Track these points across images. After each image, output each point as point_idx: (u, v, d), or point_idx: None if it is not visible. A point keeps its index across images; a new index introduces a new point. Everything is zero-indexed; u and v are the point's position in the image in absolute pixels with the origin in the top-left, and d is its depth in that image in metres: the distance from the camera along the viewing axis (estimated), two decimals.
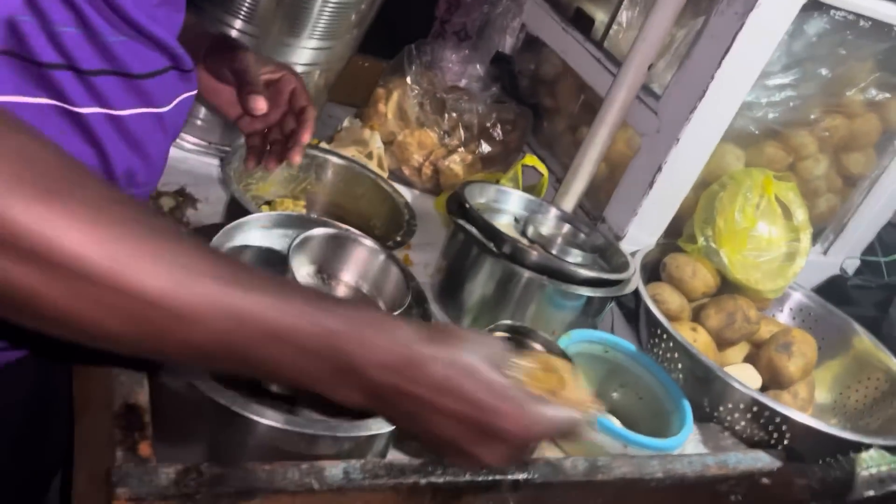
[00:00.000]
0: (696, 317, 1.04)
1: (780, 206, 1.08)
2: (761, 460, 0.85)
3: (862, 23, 0.99)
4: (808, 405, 1.03)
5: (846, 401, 1.04)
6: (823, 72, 1.04)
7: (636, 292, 0.97)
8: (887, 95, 1.10)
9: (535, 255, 0.90)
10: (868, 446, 0.90)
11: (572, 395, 0.56)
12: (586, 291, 0.91)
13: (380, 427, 0.61)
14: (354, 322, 0.47)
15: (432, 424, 0.50)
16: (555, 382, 0.57)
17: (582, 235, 1.03)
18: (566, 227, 1.03)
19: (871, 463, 1.05)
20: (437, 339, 0.49)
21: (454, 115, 1.21)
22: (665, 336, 0.92)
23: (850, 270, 1.27)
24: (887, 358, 1.01)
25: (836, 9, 0.96)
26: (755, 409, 0.86)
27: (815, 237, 1.27)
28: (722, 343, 1.03)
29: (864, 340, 1.04)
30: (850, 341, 1.05)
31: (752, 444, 0.89)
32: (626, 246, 1.06)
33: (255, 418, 0.56)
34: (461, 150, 1.21)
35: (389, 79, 1.24)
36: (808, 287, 1.20)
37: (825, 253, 1.26)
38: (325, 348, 0.46)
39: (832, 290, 1.19)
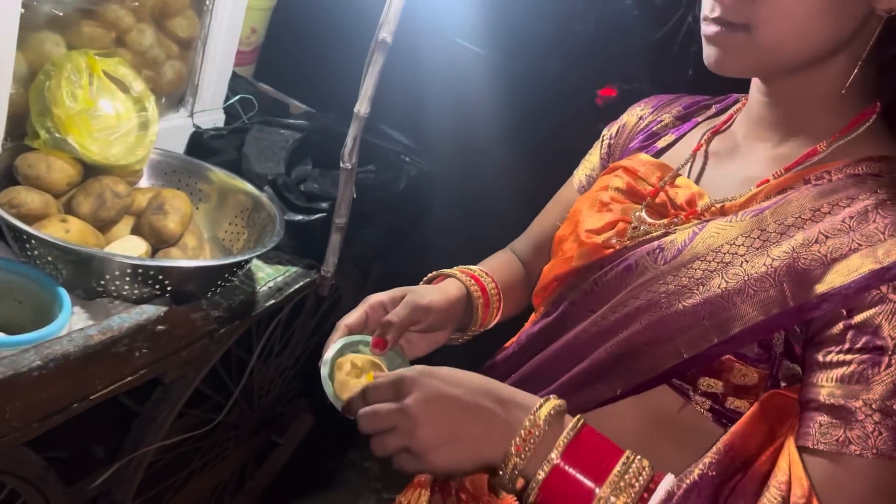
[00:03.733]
0: (70, 208, 1.06)
1: (116, 81, 1.13)
2: (146, 312, 0.94)
3: None
4: (202, 250, 1.15)
5: (228, 232, 1.20)
6: None
7: None
8: None
9: None
10: (242, 264, 1.06)
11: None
12: None
13: None
14: None
15: None
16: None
17: None
18: None
19: (267, 278, 1.25)
20: None
21: None
22: (27, 236, 0.92)
23: (220, 123, 1.42)
24: (243, 184, 1.18)
25: None
26: (131, 271, 0.94)
27: (177, 103, 1.38)
28: (103, 224, 1.07)
29: (222, 177, 1.19)
30: (213, 182, 1.20)
31: (143, 301, 0.98)
32: None
33: None
34: None
35: None
36: (181, 150, 1.31)
37: (190, 115, 1.37)
38: None
39: (196, 146, 1.31)
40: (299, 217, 1.26)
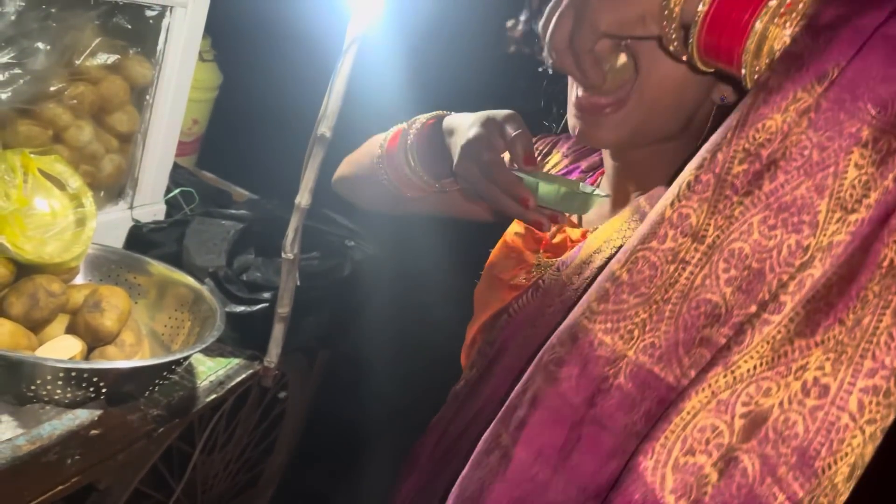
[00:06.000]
0: (1, 309, 1.03)
1: (52, 179, 1.12)
2: (80, 417, 0.91)
3: None
4: (139, 348, 1.12)
5: (168, 327, 1.17)
6: (41, 45, 1.08)
7: None
8: (118, 57, 1.21)
9: None
10: (181, 361, 1.04)
11: None
12: None
13: None
14: None
15: None
16: None
17: None
18: None
19: (209, 372, 1.23)
20: None
21: None
22: None
23: (161, 216, 1.41)
24: (183, 277, 1.17)
25: None
26: (63, 374, 0.91)
27: (116, 196, 1.37)
28: (37, 324, 1.04)
29: (162, 270, 1.18)
30: (153, 276, 1.18)
31: (77, 405, 0.95)
32: None
33: None
34: None
35: None
36: (120, 244, 1.29)
37: (131, 208, 1.36)
38: None
39: (136, 240, 1.30)
40: (241, 308, 1.25)
